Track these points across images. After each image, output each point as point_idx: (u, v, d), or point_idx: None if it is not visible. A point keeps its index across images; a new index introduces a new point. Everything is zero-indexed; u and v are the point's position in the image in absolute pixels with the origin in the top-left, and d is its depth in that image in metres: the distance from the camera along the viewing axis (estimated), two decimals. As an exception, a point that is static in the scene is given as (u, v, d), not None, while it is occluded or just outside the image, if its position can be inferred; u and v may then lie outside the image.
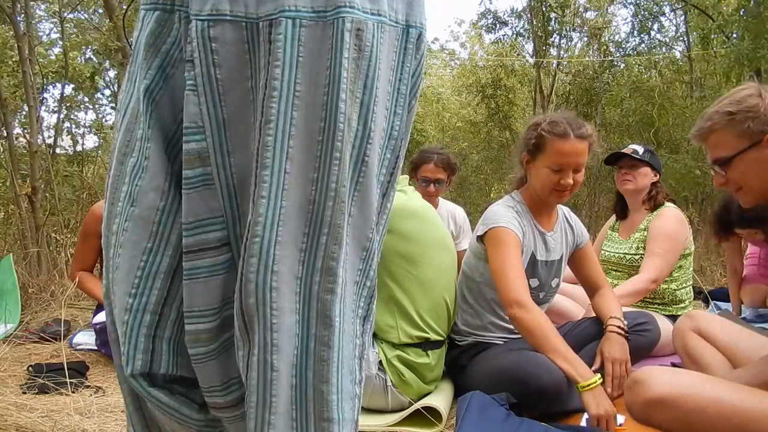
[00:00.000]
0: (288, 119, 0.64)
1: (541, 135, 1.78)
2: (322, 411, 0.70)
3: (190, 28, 0.66)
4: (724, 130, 1.25)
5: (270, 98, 0.64)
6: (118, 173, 0.73)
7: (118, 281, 0.70)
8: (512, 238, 1.77)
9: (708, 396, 1.10)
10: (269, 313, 0.66)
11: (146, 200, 0.70)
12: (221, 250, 0.70)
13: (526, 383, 1.56)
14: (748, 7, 5.93)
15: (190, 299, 0.70)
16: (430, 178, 2.91)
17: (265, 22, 0.64)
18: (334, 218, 0.67)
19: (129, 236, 0.70)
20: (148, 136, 0.70)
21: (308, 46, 0.64)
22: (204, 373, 0.72)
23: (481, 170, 10.34)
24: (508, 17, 10.42)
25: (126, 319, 0.70)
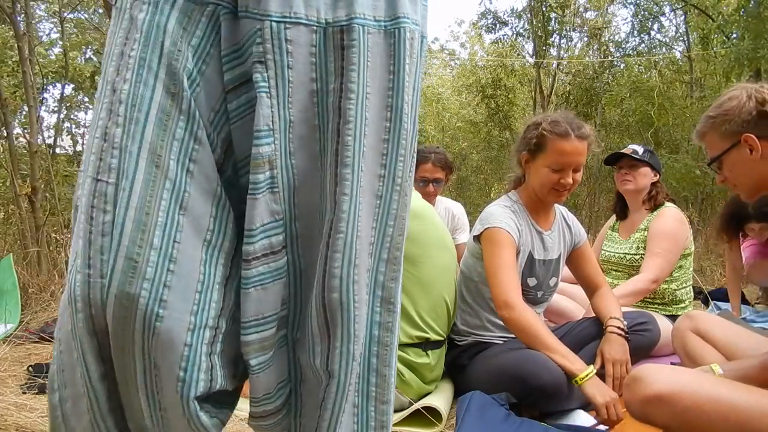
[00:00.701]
0: (363, 120, 0.69)
1: (542, 134, 1.78)
2: (383, 394, 0.75)
3: (263, 29, 0.66)
4: (710, 133, 1.36)
5: (348, 100, 0.68)
6: (152, 177, 0.63)
7: (170, 302, 0.62)
8: (506, 239, 1.77)
9: (706, 393, 1.10)
10: (353, 305, 0.70)
11: (198, 207, 0.65)
12: (282, 253, 0.70)
13: (526, 382, 1.56)
14: (748, 7, 5.93)
15: (257, 307, 0.68)
16: (429, 177, 2.92)
17: (336, 27, 0.68)
18: (399, 210, 0.74)
19: (184, 248, 0.64)
20: (197, 136, 0.65)
21: (374, 52, 0.69)
22: (261, 381, 0.70)
23: (481, 170, 10.36)
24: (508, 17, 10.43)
25: (188, 340, 0.63)
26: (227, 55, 0.68)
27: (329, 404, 0.72)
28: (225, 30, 0.67)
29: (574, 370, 1.57)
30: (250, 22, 0.67)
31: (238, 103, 0.69)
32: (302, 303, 0.73)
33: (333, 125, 0.68)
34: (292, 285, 0.73)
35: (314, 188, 0.70)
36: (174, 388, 0.64)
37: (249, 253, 0.67)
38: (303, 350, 0.73)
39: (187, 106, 0.65)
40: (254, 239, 0.67)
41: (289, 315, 0.73)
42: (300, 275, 0.73)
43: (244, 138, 0.69)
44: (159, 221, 0.63)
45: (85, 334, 0.63)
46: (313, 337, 0.71)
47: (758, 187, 1.33)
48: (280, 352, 0.73)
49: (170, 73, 0.65)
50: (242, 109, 0.70)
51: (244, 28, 0.67)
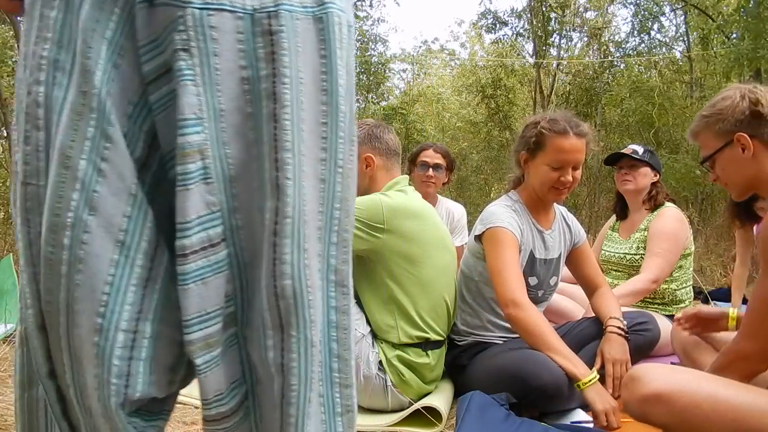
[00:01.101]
0: (299, 104, 0.68)
1: (541, 133, 1.79)
2: (345, 378, 0.76)
3: (185, 16, 0.65)
4: (704, 132, 1.38)
5: (282, 85, 0.67)
6: (62, 179, 0.63)
7: (80, 300, 0.63)
8: (509, 238, 1.78)
9: (704, 392, 1.11)
10: (306, 291, 0.69)
11: (109, 207, 0.64)
12: (222, 245, 0.68)
13: (527, 381, 1.56)
14: (748, 7, 5.93)
15: (199, 303, 0.66)
16: (429, 162, 2.95)
17: (263, 13, 0.67)
18: (343, 192, 0.74)
19: (90, 249, 0.63)
20: (109, 135, 0.64)
21: (304, 37, 0.69)
22: (210, 381, 0.68)
23: (481, 170, 10.36)
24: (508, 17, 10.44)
25: (96, 341, 0.63)
26: (145, 46, 0.67)
27: (292, 399, 0.70)
28: (141, 20, 0.66)
29: (577, 374, 1.57)
30: (168, 10, 0.65)
31: (159, 94, 0.68)
32: (249, 298, 0.71)
33: (268, 111, 0.67)
34: (237, 279, 0.70)
35: (252, 178, 0.69)
36: (93, 390, 0.65)
37: (186, 247, 0.65)
38: (254, 346, 0.71)
39: (97, 104, 0.64)
40: (190, 232, 0.65)
41: (237, 312, 0.71)
42: (244, 268, 0.71)
43: (169, 130, 0.68)
44: (68, 222, 0.63)
45: (33, 329, 0.66)
46: (265, 330, 0.69)
47: (749, 186, 1.35)
48: (230, 351, 0.71)
49: (83, 71, 0.64)
50: (165, 100, 0.68)
51: (162, 17, 0.66)
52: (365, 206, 1.71)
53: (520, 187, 1.95)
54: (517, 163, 1.93)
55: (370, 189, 1.88)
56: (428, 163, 2.96)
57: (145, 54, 0.66)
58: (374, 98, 13.12)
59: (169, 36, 0.65)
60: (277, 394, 0.70)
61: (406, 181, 1.90)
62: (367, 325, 1.75)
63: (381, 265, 1.73)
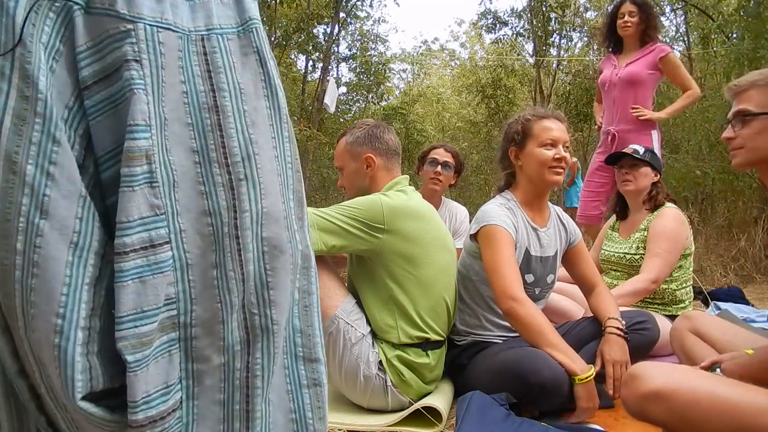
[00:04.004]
0: (242, 112, 0.76)
1: (525, 122, 1.91)
2: (309, 353, 0.84)
3: (136, 30, 0.69)
4: (763, 89, 1.29)
5: (222, 98, 0.75)
6: (10, 185, 0.64)
7: (36, 304, 0.64)
8: (504, 235, 1.79)
9: (702, 390, 1.11)
10: (266, 274, 0.77)
11: (61, 210, 0.65)
12: (165, 247, 0.70)
13: (527, 378, 1.56)
14: (748, 7, 5.94)
15: (135, 300, 0.68)
16: (438, 159, 2.97)
17: (197, 35, 0.75)
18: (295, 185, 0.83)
19: (45, 252, 0.64)
20: (56, 138, 0.65)
21: (236, 53, 0.77)
22: (140, 381, 0.69)
23: (481, 170, 10.37)
24: (508, 17, 10.45)
25: (57, 341, 0.65)
26: (83, 52, 0.69)
27: (257, 371, 0.76)
28: (79, 26, 0.68)
29: (575, 369, 1.58)
30: (113, 21, 0.68)
31: (96, 99, 0.70)
32: (197, 296, 0.74)
33: (212, 121, 0.74)
34: (180, 282, 0.73)
35: (194, 184, 0.74)
36: (60, 388, 0.66)
37: (126, 245, 0.67)
38: (212, 339, 0.74)
39: (42, 108, 0.65)
40: (131, 231, 0.68)
41: (179, 315, 0.73)
42: (188, 270, 0.73)
43: (106, 134, 0.70)
44: (20, 226, 0.64)
45: None
46: (231, 314, 0.74)
47: (763, 160, 1.30)
48: (168, 356, 0.73)
49: (23, 76, 0.65)
50: (102, 105, 0.70)
51: (102, 26, 0.69)
52: (365, 206, 1.71)
53: (512, 187, 1.98)
54: (504, 165, 1.98)
55: (371, 189, 1.88)
56: (437, 160, 2.96)
57: (83, 59, 0.69)
58: (374, 98, 13.13)
59: (112, 45, 0.69)
60: (241, 369, 0.76)
61: (407, 181, 1.90)
62: (367, 325, 1.75)
63: (381, 265, 1.73)
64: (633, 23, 3.21)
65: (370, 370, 1.69)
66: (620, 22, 3.24)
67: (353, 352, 1.69)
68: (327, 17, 11.34)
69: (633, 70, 3.18)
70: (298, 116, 10.57)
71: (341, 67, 13.96)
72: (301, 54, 11.82)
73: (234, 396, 0.76)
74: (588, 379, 1.58)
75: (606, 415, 1.68)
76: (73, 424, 0.69)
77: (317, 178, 10.66)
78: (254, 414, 0.77)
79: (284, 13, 11.09)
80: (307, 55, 11.73)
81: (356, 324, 1.72)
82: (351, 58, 13.60)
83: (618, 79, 3.21)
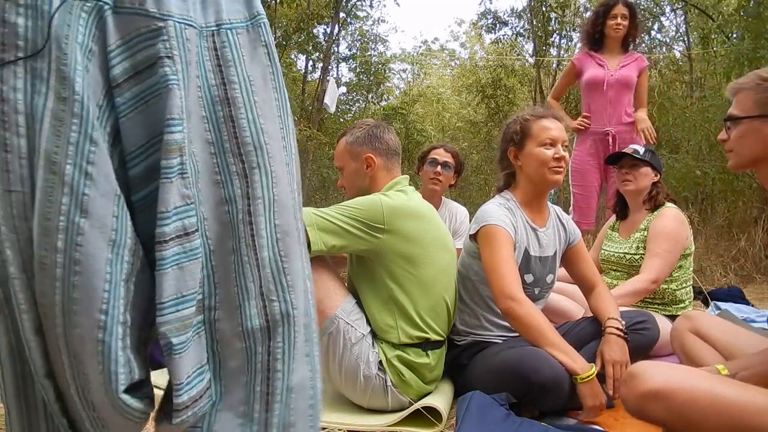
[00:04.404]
0: (253, 104, 0.78)
1: (524, 122, 1.91)
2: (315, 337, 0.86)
3: (167, 27, 0.71)
4: (748, 92, 1.31)
5: (233, 90, 0.77)
6: (50, 184, 0.66)
7: (78, 300, 0.66)
8: (504, 235, 1.79)
9: (702, 389, 1.11)
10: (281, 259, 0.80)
11: (100, 209, 0.67)
12: (195, 234, 0.74)
13: (527, 378, 1.57)
14: (748, 7, 5.94)
15: (176, 285, 0.71)
16: (438, 159, 2.97)
17: (208, 31, 0.77)
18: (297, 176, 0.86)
19: (86, 250, 0.66)
20: (93, 138, 0.67)
21: (246, 48, 0.80)
22: (185, 362, 0.72)
23: (481, 170, 10.37)
24: (508, 17, 10.46)
25: (101, 337, 0.67)
26: (113, 50, 0.70)
27: (278, 355, 0.78)
28: (111, 26, 0.70)
29: (576, 369, 1.58)
30: (143, 20, 0.71)
31: (126, 96, 0.72)
32: (215, 285, 0.78)
33: (224, 113, 0.77)
34: (205, 267, 0.77)
35: (211, 174, 0.77)
36: (100, 384, 0.68)
37: (165, 234, 0.70)
38: (232, 323, 0.77)
39: (79, 109, 0.67)
40: (169, 221, 0.71)
41: (204, 300, 0.77)
42: (210, 256, 0.77)
43: (136, 130, 0.72)
44: (61, 225, 0.66)
45: (31, 333, 0.68)
46: (249, 300, 0.77)
47: (750, 163, 1.32)
48: (200, 338, 0.77)
49: (60, 78, 0.66)
50: (132, 102, 0.72)
51: (133, 25, 0.71)
52: (365, 206, 1.71)
53: (511, 187, 1.99)
54: (503, 165, 1.99)
55: (371, 189, 1.88)
56: (437, 160, 2.97)
57: (114, 58, 0.70)
58: (374, 98, 13.14)
59: (144, 43, 0.71)
60: (263, 353, 0.78)
61: (407, 181, 1.90)
62: (367, 325, 1.75)
63: (381, 265, 1.73)
64: (624, 26, 3.27)
65: (370, 370, 1.69)
66: (612, 23, 3.26)
67: (353, 352, 1.69)
68: (327, 17, 11.34)
69: (628, 73, 3.25)
70: (298, 116, 10.57)
71: (341, 67, 13.97)
72: (301, 54, 11.83)
73: (256, 378, 0.79)
74: (589, 377, 1.58)
75: (606, 415, 1.68)
76: (99, 422, 0.71)
77: (317, 178, 10.66)
78: (274, 397, 0.79)
79: (284, 13, 11.09)
80: (307, 55, 11.73)
81: (356, 324, 1.72)
82: (351, 58, 13.61)
83: (615, 81, 3.23)
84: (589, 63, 3.34)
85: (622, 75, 3.23)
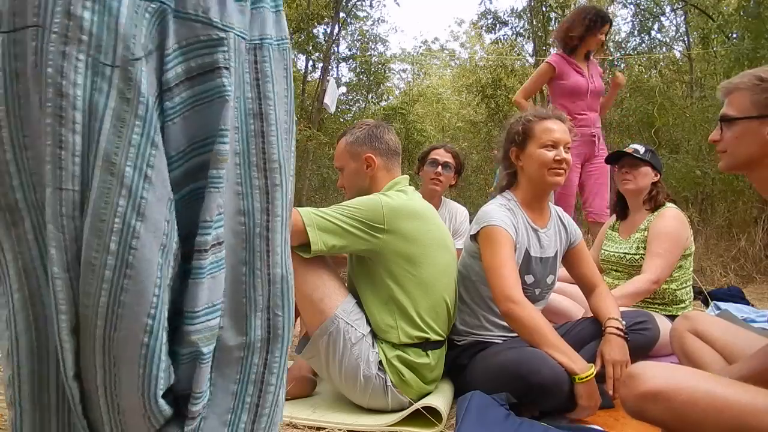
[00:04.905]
0: (279, 121, 0.79)
1: (527, 123, 1.90)
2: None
3: (227, 39, 0.72)
4: (744, 92, 1.28)
5: (267, 105, 0.78)
6: (108, 185, 0.65)
7: (126, 304, 0.66)
8: (504, 236, 1.79)
9: (701, 389, 1.11)
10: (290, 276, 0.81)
11: (155, 213, 0.67)
12: (223, 245, 0.74)
13: (527, 378, 1.57)
14: (748, 7, 5.94)
15: (209, 295, 0.71)
16: (439, 160, 2.97)
17: (251, 45, 0.78)
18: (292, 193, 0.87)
19: (141, 254, 0.66)
20: (154, 141, 0.67)
21: (277, 66, 0.80)
22: (206, 372, 0.72)
23: (481, 170, 10.37)
24: (508, 17, 10.46)
25: (146, 341, 0.66)
26: (170, 54, 0.70)
27: (274, 369, 0.80)
28: (172, 30, 0.70)
29: (575, 369, 1.58)
30: (205, 28, 0.71)
31: (176, 101, 0.71)
32: (224, 292, 0.77)
33: (255, 128, 0.77)
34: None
35: (233, 184, 0.77)
36: (135, 387, 0.67)
37: (207, 243, 0.70)
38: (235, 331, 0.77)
39: (144, 111, 0.66)
40: (210, 230, 0.71)
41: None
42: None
43: (180, 134, 0.72)
44: (115, 227, 0.65)
45: (66, 333, 0.67)
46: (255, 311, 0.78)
47: (744, 164, 1.31)
48: None
49: (125, 78, 0.65)
50: (181, 107, 0.71)
51: (194, 31, 0.71)
52: (365, 206, 1.71)
53: (513, 187, 1.99)
54: (504, 166, 1.98)
55: (371, 189, 1.88)
56: (438, 160, 2.97)
57: (169, 62, 0.70)
58: (374, 98, 13.13)
59: (202, 50, 0.71)
60: (259, 365, 0.79)
61: (407, 181, 1.90)
62: (367, 325, 1.75)
63: (381, 265, 1.73)
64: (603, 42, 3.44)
65: (370, 370, 1.69)
66: (600, 38, 3.35)
67: (353, 352, 1.69)
68: (327, 17, 11.34)
69: (601, 84, 3.44)
70: (298, 116, 10.57)
71: (341, 67, 13.97)
72: (301, 54, 11.82)
73: (247, 389, 0.79)
74: (588, 378, 1.58)
75: (606, 415, 1.68)
76: (120, 426, 0.70)
77: (317, 178, 10.66)
78: (263, 410, 0.80)
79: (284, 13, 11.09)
80: (307, 55, 11.73)
81: (356, 324, 1.72)
82: (351, 58, 13.61)
83: (593, 89, 3.38)
84: (567, 68, 3.37)
85: (598, 86, 3.41)
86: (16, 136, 0.67)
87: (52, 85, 0.64)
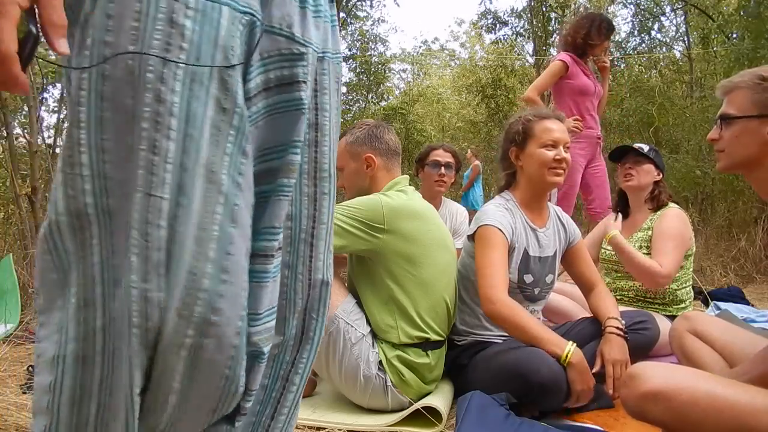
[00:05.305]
0: (332, 132, 0.83)
1: (526, 123, 1.91)
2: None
3: (307, 54, 0.75)
4: (745, 91, 1.27)
5: (323, 117, 0.81)
6: (209, 193, 0.65)
7: (222, 310, 0.65)
8: (497, 237, 1.79)
9: (701, 390, 1.11)
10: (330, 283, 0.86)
11: (244, 218, 0.68)
12: (281, 251, 0.78)
13: (526, 378, 1.57)
14: (748, 7, 5.94)
15: (270, 298, 0.74)
16: (441, 161, 2.96)
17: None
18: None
19: (236, 260, 0.66)
20: (245, 151, 0.68)
21: (331, 79, 0.83)
22: (260, 371, 0.75)
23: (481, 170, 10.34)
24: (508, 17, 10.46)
25: (237, 343, 0.67)
26: (253, 65, 0.72)
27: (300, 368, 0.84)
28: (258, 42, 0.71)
29: (562, 354, 1.60)
30: (288, 42, 0.74)
31: (252, 110, 0.72)
32: None
33: (310, 137, 0.80)
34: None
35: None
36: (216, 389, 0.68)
37: (273, 248, 0.74)
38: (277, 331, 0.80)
39: (238, 121, 0.67)
40: (277, 236, 0.75)
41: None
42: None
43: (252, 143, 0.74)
44: (214, 235, 0.65)
45: (139, 348, 0.63)
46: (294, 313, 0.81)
47: (743, 165, 1.30)
48: None
49: (223, 88, 0.65)
50: (254, 116, 0.73)
51: (277, 44, 0.73)
52: (365, 206, 1.71)
53: (512, 187, 1.99)
54: (504, 166, 1.99)
55: (371, 189, 1.88)
56: (440, 161, 2.96)
57: (252, 72, 0.72)
58: (374, 98, 13.13)
59: (281, 63, 0.74)
60: (288, 362, 0.82)
61: (407, 181, 1.90)
62: (367, 325, 1.75)
63: (381, 265, 1.73)
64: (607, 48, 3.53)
65: (370, 370, 1.69)
66: (606, 44, 3.44)
67: (353, 352, 1.69)
68: (327, 17, 11.32)
69: (601, 89, 3.47)
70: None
71: (341, 67, 13.93)
72: (301, 54, 11.81)
73: (276, 384, 0.82)
74: (570, 355, 1.59)
75: (606, 415, 1.68)
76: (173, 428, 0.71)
77: (317, 178, 10.64)
78: (282, 409, 0.83)
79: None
80: (307, 55, 11.71)
81: (356, 324, 1.72)
82: (351, 58, 13.61)
83: (597, 92, 3.42)
84: (577, 69, 3.38)
85: (600, 90, 3.46)
86: (94, 138, 0.65)
87: (152, 90, 0.63)
